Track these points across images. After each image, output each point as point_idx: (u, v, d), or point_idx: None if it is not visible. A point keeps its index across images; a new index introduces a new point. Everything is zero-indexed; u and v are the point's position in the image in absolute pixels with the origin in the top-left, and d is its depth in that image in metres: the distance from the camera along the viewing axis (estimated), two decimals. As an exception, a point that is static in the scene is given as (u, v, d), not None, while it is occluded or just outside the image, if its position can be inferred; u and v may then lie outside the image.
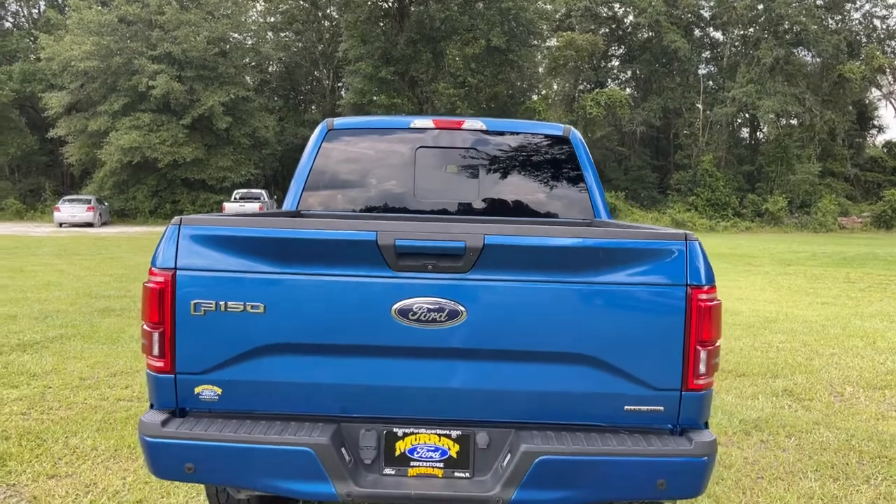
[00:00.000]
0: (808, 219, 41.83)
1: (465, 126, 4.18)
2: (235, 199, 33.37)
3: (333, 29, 43.97)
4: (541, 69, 46.10)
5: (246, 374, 2.40)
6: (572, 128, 4.26)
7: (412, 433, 2.45)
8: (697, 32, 49.50)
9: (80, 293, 10.59)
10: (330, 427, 2.39)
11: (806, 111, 44.01)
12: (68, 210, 31.60)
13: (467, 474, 2.44)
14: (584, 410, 2.44)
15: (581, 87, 50.38)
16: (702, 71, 49.69)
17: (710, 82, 49.35)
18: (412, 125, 4.17)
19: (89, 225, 31.69)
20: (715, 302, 2.41)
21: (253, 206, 32.16)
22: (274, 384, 2.41)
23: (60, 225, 31.52)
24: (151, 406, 2.48)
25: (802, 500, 3.74)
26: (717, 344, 2.47)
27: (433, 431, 2.46)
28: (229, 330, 2.36)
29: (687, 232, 2.44)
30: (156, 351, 2.39)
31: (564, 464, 2.33)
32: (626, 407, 2.42)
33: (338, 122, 4.23)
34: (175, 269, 2.36)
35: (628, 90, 51.00)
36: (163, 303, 2.36)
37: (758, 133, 49.16)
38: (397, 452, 2.45)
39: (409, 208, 4.13)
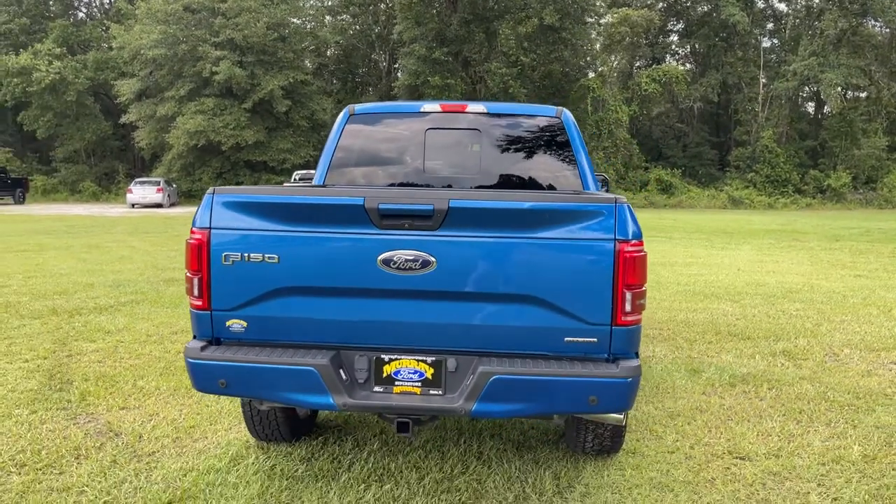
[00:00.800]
0: (874, 195, 40.73)
1: (468, 109, 4.74)
2: (295, 179, 34.47)
3: (389, 11, 44.63)
4: (596, 46, 45.79)
5: (265, 311, 3.06)
6: (564, 109, 4.77)
7: (396, 359, 3.07)
8: (760, 4, 48.31)
9: (149, 265, 11.64)
10: (330, 353, 3.04)
11: (873, 84, 42.65)
12: (139, 192, 33.41)
13: (440, 392, 3.05)
14: (533, 341, 3.01)
15: (638, 63, 49.84)
16: (764, 44, 48.53)
17: (773, 56, 48.19)
18: (422, 109, 4.76)
19: (158, 206, 33.43)
20: (639, 253, 2.94)
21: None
22: (287, 319, 3.07)
23: (132, 206, 33.36)
24: (194, 337, 3.17)
25: (762, 436, 4.22)
26: (643, 288, 3.00)
27: (413, 358, 3.07)
28: (251, 276, 3.02)
29: (617, 196, 2.98)
30: (195, 293, 3.07)
31: (513, 382, 2.92)
32: (566, 338, 2.99)
33: (358, 107, 4.86)
34: (210, 228, 3.03)
35: (687, 66, 50.24)
36: (200, 255, 3.04)
37: (823, 107, 47.80)
38: (385, 374, 3.08)
39: (419, 182, 4.73)
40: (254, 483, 3.49)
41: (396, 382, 3.07)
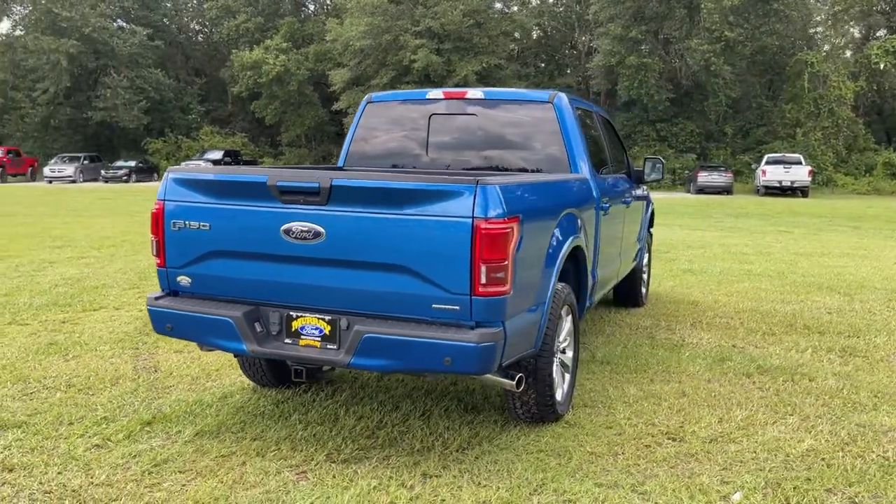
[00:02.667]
0: None
1: (468, 96, 5.07)
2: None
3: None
4: (816, 17, 41.72)
5: (202, 270, 3.71)
6: (558, 93, 4.92)
7: (301, 316, 3.59)
8: None
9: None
10: (247, 307, 3.62)
11: None
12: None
13: (335, 346, 3.52)
14: (408, 306, 3.37)
15: (871, 34, 44.63)
16: None
17: None
18: (428, 96, 5.16)
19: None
20: (496, 230, 3.19)
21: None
22: (218, 277, 3.70)
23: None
24: (161, 289, 3.90)
25: (718, 422, 4.15)
26: (503, 264, 3.23)
27: (315, 316, 3.56)
28: (191, 240, 3.69)
29: (480, 178, 3.24)
30: (155, 252, 3.81)
31: (380, 340, 3.32)
32: (433, 305, 3.31)
33: (375, 95, 5.40)
34: (164, 200, 3.73)
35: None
36: (157, 222, 3.75)
37: None
38: (293, 329, 3.61)
39: (422, 162, 5.14)
40: (222, 413, 4.19)
41: (302, 336, 3.59)
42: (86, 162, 42.03)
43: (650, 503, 3.23)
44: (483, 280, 3.22)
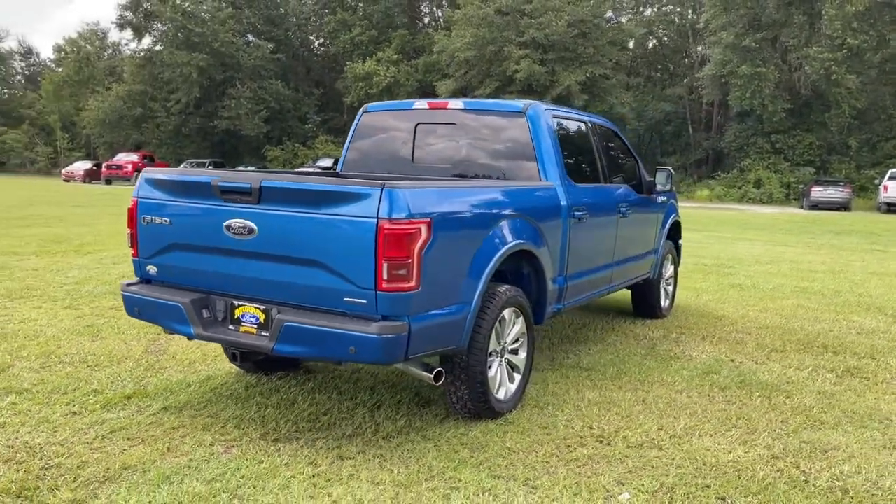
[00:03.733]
0: None
1: (449, 106, 5.31)
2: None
3: (703, -1, 42.74)
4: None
5: (165, 261, 4.15)
6: (533, 104, 5.07)
7: (242, 305, 3.95)
8: None
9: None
10: (197, 294, 4.02)
11: None
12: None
13: (268, 333, 3.85)
14: (325, 298, 3.66)
15: None
16: None
17: None
18: (414, 107, 5.44)
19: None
20: (399, 231, 3.42)
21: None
22: (176, 268, 4.13)
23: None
24: (136, 277, 4.38)
25: (658, 430, 4.16)
26: (407, 262, 3.46)
27: (252, 305, 3.91)
28: (156, 234, 4.14)
29: (386, 182, 3.49)
30: (129, 244, 4.29)
31: (296, 328, 3.62)
32: (345, 298, 3.58)
33: (370, 106, 5.73)
34: (137, 197, 4.21)
35: None
36: (132, 217, 4.23)
37: None
38: (235, 316, 3.97)
39: (408, 168, 5.42)
40: (195, 392, 4.63)
41: (242, 323, 3.95)
42: (210, 167, 45.00)
43: (534, 496, 3.35)
44: (385, 276, 3.46)
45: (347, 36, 50.74)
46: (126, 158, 43.70)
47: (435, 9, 56.99)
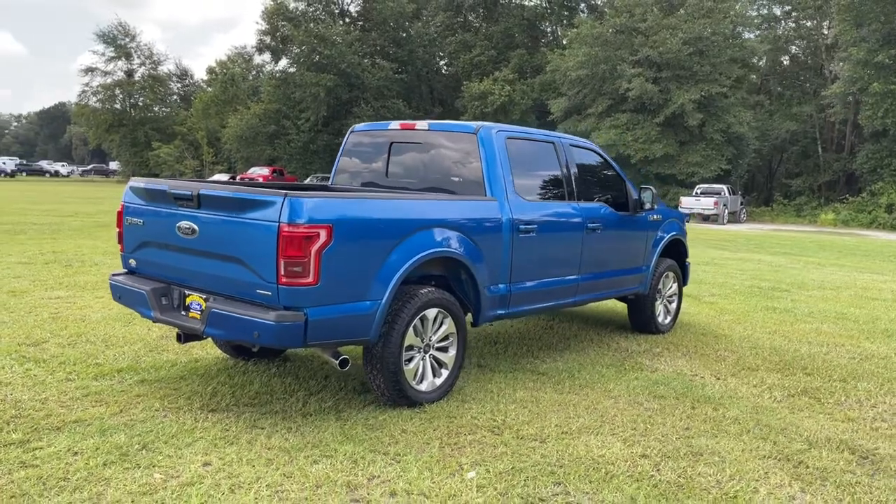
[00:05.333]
0: None
1: (417, 127, 5.85)
2: (696, 193, 34.76)
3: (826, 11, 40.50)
4: None
5: (141, 256, 4.96)
6: (485, 125, 5.52)
7: (190, 294, 4.66)
8: None
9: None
10: (159, 283, 4.78)
11: None
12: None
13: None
14: (244, 290, 4.30)
15: None
16: None
17: None
18: (389, 128, 6.03)
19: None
20: (295, 233, 4.01)
21: (708, 201, 33.28)
22: (148, 261, 4.92)
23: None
24: (123, 268, 5.21)
25: (555, 427, 4.47)
26: (303, 261, 4.04)
27: (198, 294, 4.62)
28: (135, 232, 4.95)
29: (288, 192, 4.09)
30: (117, 241, 5.13)
31: (218, 314, 4.28)
32: (257, 290, 4.21)
33: (357, 127, 6.37)
34: (124, 202, 5.05)
35: None
36: (119, 218, 5.07)
37: None
38: (186, 303, 4.70)
39: (383, 184, 6.00)
40: (174, 370, 5.40)
41: (190, 310, 4.67)
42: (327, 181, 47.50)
43: (393, 466, 3.82)
44: (283, 272, 4.05)
45: (467, 56, 52.04)
46: (258, 172, 46.99)
47: (555, 27, 57.31)
